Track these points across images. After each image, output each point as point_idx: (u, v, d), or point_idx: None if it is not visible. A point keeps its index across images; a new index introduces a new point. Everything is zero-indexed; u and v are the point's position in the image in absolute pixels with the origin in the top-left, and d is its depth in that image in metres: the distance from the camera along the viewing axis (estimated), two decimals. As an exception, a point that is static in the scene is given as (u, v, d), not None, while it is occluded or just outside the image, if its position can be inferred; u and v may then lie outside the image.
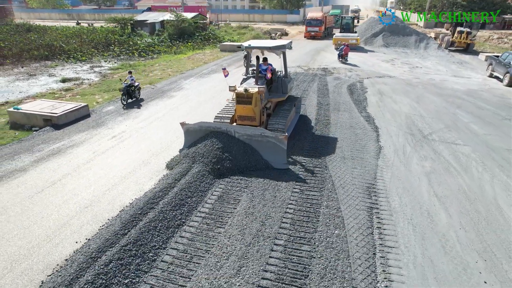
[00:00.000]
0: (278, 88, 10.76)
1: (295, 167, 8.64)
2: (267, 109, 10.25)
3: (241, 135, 8.75)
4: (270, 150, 8.56)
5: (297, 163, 8.85)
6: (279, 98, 10.61)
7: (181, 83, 18.00)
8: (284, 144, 8.39)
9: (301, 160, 9.07)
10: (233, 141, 8.72)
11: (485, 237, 6.17)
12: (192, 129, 9.17)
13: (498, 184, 7.98)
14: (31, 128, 11.81)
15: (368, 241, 6.00)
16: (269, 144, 8.52)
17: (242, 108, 9.29)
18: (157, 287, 4.99)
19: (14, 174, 8.52)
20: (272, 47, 10.20)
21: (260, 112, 9.54)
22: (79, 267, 5.03)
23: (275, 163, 8.53)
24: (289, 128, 10.59)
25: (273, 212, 6.76)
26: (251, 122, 9.44)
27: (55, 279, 4.94)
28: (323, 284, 5.04)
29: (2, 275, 5.32)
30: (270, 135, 8.49)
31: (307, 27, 40.63)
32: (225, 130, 8.87)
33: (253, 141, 8.70)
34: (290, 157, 9.14)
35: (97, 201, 7.37)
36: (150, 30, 39.43)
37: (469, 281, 5.18)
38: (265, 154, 8.64)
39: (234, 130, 8.82)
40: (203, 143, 8.73)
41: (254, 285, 5.00)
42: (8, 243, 6.05)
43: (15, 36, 35.49)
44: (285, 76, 11.06)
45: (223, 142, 8.59)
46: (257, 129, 8.67)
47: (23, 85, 18.60)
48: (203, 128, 9.05)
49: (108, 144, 10.35)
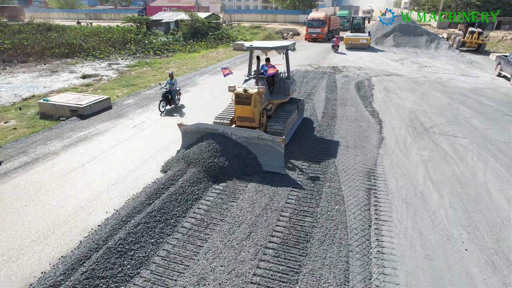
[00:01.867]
0: (280, 90, 10.61)
1: (300, 155, 9.38)
2: (268, 110, 10.06)
3: (238, 137, 8.53)
4: (267, 153, 8.30)
5: (301, 151, 9.59)
6: (280, 100, 10.46)
7: (196, 79, 18.89)
8: (282, 148, 8.09)
9: (305, 150, 9.80)
10: (230, 143, 8.53)
11: (472, 215, 6.81)
12: (190, 131, 9.00)
13: (490, 171, 8.57)
14: (59, 118, 12.80)
15: (365, 215, 6.71)
16: (266, 147, 8.26)
17: (241, 109, 9.11)
18: (178, 247, 5.80)
19: (48, 157, 9.47)
20: (274, 48, 10.17)
21: (260, 113, 9.38)
22: (112, 227, 5.88)
23: (272, 166, 8.29)
24: (290, 132, 10.38)
25: (280, 190, 7.54)
26: (250, 123, 9.29)
27: (93, 237, 5.80)
28: (322, 248, 5.78)
29: (47, 236, 6.20)
30: (267, 138, 8.20)
31: (308, 28, 38.08)
32: (222, 131, 8.67)
33: (250, 144, 8.48)
34: (294, 152, 9.82)
35: (123, 180, 8.23)
36: (165, 29, 40.56)
37: (452, 248, 5.85)
38: (262, 158, 8.40)
39: (231, 132, 8.61)
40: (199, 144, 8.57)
41: (262, 246, 5.77)
42: (49, 211, 6.95)
43: (36, 35, 37.01)
44: (288, 78, 10.85)
45: (220, 144, 8.42)
46: (254, 131, 8.45)
47: (47, 80, 19.71)
48: (200, 129, 8.86)
49: (129, 132, 11.25)
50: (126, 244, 5.54)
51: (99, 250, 5.35)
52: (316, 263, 5.44)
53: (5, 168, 8.69)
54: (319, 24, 37.16)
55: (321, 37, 37.36)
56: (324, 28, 37.25)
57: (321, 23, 37.19)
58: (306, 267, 5.34)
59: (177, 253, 5.64)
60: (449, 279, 5.20)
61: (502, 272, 5.34)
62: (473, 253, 5.74)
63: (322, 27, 37.19)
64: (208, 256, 5.57)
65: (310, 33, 37.45)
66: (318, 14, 39.15)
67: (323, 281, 5.09)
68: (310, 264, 5.41)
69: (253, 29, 48.26)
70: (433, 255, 5.69)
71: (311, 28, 37.39)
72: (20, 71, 22.10)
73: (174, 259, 5.51)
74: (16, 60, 25.54)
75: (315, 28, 37.14)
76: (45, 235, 6.22)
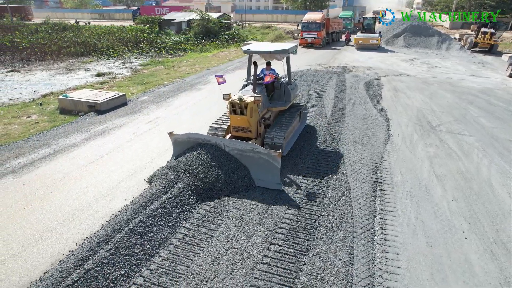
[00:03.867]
0: (281, 96, 9.97)
1: (310, 150, 9.73)
2: (266, 119, 9.42)
3: (232, 149, 7.92)
4: (262, 167, 7.64)
5: (311, 147, 9.94)
6: (280, 107, 9.79)
7: (208, 78, 19.36)
8: (278, 162, 7.38)
9: (313, 145, 10.15)
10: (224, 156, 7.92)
11: (474, 207, 7.09)
12: (181, 140, 8.43)
13: (495, 168, 8.81)
14: (78, 113, 13.36)
15: (370, 206, 7.04)
16: (261, 160, 7.60)
17: (236, 119, 8.50)
18: (193, 230, 6.22)
19: (69, 149, 10.00)
20: (273, 52, 9.37)
21: (257, 123, 8.78)
22: (133, 212, 6.33)
23: (267, 182, 7.65)
24: (290, 141, 9.74)
25: (290, 179, 7.92)
26: (246, 133, 8.70)
27: (115, 220, 6.25)
28: (328, 234, 6.14)
29: (72, 219, 6.68)
30: (262, 151, 7.52)
31: (303, 32, 33.10)
32: (214, 143, 8.07)
33: (244, 157, 7.85)
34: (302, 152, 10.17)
35: (140, 171, 8.69)
36: (177, 29, 41.24)
37: (453, 237, 6.15)
38: (256, 172, 7.76)
39: (224, 143, 8.00)
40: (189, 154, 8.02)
41: (272, 231, 6.16)
42: (72, 198, 7.44)
43: (52, 34, 38.03)
44: (289, 83, 10.19)
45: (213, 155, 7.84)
46: (248, 144, 7.83)
47: (63, 78, 20.39)
48: (192, 139, 8.29)
49: (145, 127, 11.74)
50: (146, 227, 5.97)
51: (122, 231, 5.80)
52: (322, 247, 5.80)
53: (30, 159, 9.24)
54: (315, 28, 32.56)
55: (318, 43, 32.78)
56: (321, 32, 32.68)
57: (318, 26, 32.48)
58: (313, 250, 5.71)
59: (192, 236, 6.06)
60: (448, 264, 5.50)
61: (500, 259, 5.63)
62: (473, 242, 6.03)
63: (318, 31, 32.50)
64: (221, 239, 5.97)
65: (305, 37, 32.91)
66: (314, 15, 33.96)
67: (329, 263, 5.45)
68: (317, 247, 5.78)
69: (263, 29, 48.70)
70: (434, 242, 6.00)
71: (306, 32, 32.90)
72: (38, 69, 22.84)
73: (190, 241, 5.93)
74: (34, 59, 26.38)
75: (310, 32, 32.62)
76: (70, 219, 6.70)
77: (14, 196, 7.45)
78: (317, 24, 32.48)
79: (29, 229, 6.38)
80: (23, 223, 6.53)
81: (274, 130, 9.03)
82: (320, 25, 32.43)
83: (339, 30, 39.36)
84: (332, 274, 5.22)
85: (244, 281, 5.06)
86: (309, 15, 34.46)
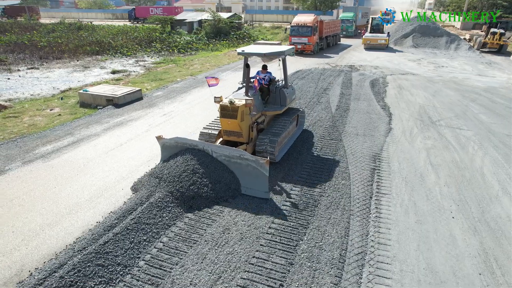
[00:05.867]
0: (276, 100, 9.70)
1: (315, 137, 10.39)
2: (259, 123, 9.13)
3: (219, 155, 7.64)
4: (250, 175, 7.32)
5: (314, 136, 10.60)
6: (274, 111, 9.51)
7: (219, 75, 20.12)
8: (266, 170, 7.05)
9: (318, 134, 10.81)
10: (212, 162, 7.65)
11: (464, 192, 7.67)
12: (168, 144, 8.23)
13: (488, 159, 9.35)
14: (96, 107, 14.24)
15: (367, 189, 7.69)
16: (249, 168, 7.28)
17: (226, 123, 8.28)
18: (207, 206, 6.94)
19: (91, 138, 10.83)
20: (268, 54, 9.08)
21: (249, 127, 8.57)
22: (153, 189, 7.09)
23: (254, 190, 7.34)
24: (285, 147, 9.50)
25: (294, 165, 8.63)
26: (238, 138, 8.53)
27: (136, 196, 7.01)
28: (328, 212, 6.81)
29: (97, 197, 7.47)
30: (249, 158, 7.22)
31: (291, 37, 28.52)
32: (201, 148, 7.80)
33: (231, 163, 7.55)
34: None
35: (156, 157, 9.41)
36: (189, 29, 42.19)
37: (441, 216, 6.76)
38: (244, 180, 7.46)
39: (212, 149, 7.71)
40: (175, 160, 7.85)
41: (277, 208, 6.85)
42: (97, 179, 8.24)
43: (68, 34, 39.33)
44: (285, 86, 9.97)
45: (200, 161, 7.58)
46: (235, 150, 7.54)
47: (80, 75, 21.39)
48: (179, 144, 8.07)
49: (160, 119, 12.54)
50: (165, 202, 6.72)
51: (143, 204, 6.56)
52: (321, 222, 6.48)
53: (56, 146, 10.09)
54: (305, 32, 27.83)
55: (309, 49, 28.07)
56: (313, 37, 27.92)
57: (308, 31, 27.73)
58: (313, 224, 6.40)
59: (205, 211, 6.78)
60: (434, 238, 6.12)
61: (481, 234, 6.23)
62: (459, 221, 6.63)
63: (309, 36, 27.71)
64: (231, 213, 6.69)
65: (294, 43, 27.85)
66: (305, 18, 29.23)
67: (326, 234, 6.12)
68: (317, 222, 6.46)
69: (273, 29, 49.39)
70: (423, 220, 6.62)
71: (295, 37, 28.02)
72: (56, 67, 23.92)
73: (203, 215, 6.66)
74: (51, 57, 27.55)
75: (300, 37, 27.77)
76: (95, 196, 7.49)
77: (45, 177, 8.29)
78: (308, 27, 27.73)
79: (60, 204, 7.18)
80: (55, 199, 7.34)
81: (267, 136, 8.72)
82: (312, 28, 27.68)
83: (336, 33, 35.22)
84: (329, 243, 5.90)
85: (251, 247, 5.77)
86: (299, 17, 29.76)
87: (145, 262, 5.43)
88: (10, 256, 5.67)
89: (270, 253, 5.65)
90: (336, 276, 5.20)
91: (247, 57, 10.02)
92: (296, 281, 5.09)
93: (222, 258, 5.52)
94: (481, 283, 5.13)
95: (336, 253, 5.68)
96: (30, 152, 9.67)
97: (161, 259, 5.50)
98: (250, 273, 5.22)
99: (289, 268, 5.34)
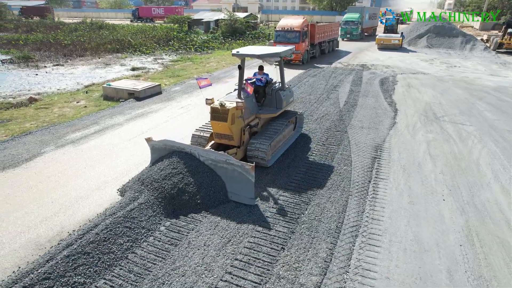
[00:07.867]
0: (272, 102, 9.44)
1: (319, 132, 11.09)
2: (252, 126, 8.84)
3: (206, 159, 7.41)
4: (236, 180, 7.08)
5: (318, 130, 11.30)
6: (269, 114, 9.30)
7: (234, 73, 20.98)
8: (252, 176, 6.81)
9: (322, 128, 11.50)
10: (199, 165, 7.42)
11: (457, 179, 8.26)
12: (157, 147, 8.03)
13: (486, 151, 9.87)
14: (119, 100, 15.27)
15: (367, 174, 8.36)
16: (235, 173, 7.03)
17: (217, 125, 8.18)
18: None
19: (115, 127, 11.80)
20: (263, 55, 8.69)
21: (241, 130, 8.39)
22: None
23: (240, 196, 7.10)
24: (278, 152, 9.26)
25: (300, 152, 9.37)
26: (229, 141, 8.40)
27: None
28: (329, 192, 7.53)
29: (122, 176, 8.38)
30: (235, 163, 6.97)
31: (275, 44, 23.32)
32: (189, 151, 7.59)
33: (218, 168, 7.30)
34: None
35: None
36: (205, 28, 43.29)
37: (433, 198, 7.38)
38: (230, 185, 7.20)
39: (198, 152, 7.49)
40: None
41: (283, 188, 7.62)
42: (121, 162, 9.16)
43: (90, 33, 40.95)
44: (282, 89, 9.70)
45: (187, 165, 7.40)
46: (221, 154, 7.26)
47: (102, 72, 22.60)
48: (168, 147, 7.87)
49: (178, 111, 13.44)
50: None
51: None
52: (322, 199, 7.21)
53: (84, 133, 11.10)
54: (292, 38, 23.10)
55: (296, 59, 23.39)
56: (301, 43, 23.23)
57: (296, 36, 23.07)
58: (314, 201, 7.14)
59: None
60: (424, 216, 6.77)
61: (468, 214, 6.84)
62: (449, 203, 7.25)
63: (297, 43, 22.78)
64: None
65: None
66: (292, 21, 24.06)
67: (326, 210, 6.85)
68: (317, 200, 7.20)
69: (288, 29, 49.89)
70: (416, 201, 7.27)
71: (280, 44, 22.14)
72: (79, 64, 25.25)
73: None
74: (75, 54, 29.00)
75: (286, 44, 21.87)
76: (120, 175, 8.41)
77: (76, 159, 9.27)
78: (295, 32, 23.12)
79: (90, 181, 8.11)
80: (85, 177, 8.29)
81: (258, 140, 8.50)
82: (300, 34, 23.05)
83: (332, 38, 30.27)
84: (327, 217, 6.62)
85: (258, 218, 6.54)
86: (285, 20, 24.70)
87: (165, 227, 6.28)
88: (52, 220, 6.61)
89: (275, 223, 6.41)
90: (331, 243, 5.93)
91: (244, 59, 9.44)
92: (296, 246, 5.85)
93: (232, 226, 6.31)
94: (461, 253, 5.77)
95: (333, 225, 6.40)
96: (62, 138, 10.70)
97: (179, 226, 6.33)
98: (257, 238, 6.00)
99: (290, 236, 6.09)
